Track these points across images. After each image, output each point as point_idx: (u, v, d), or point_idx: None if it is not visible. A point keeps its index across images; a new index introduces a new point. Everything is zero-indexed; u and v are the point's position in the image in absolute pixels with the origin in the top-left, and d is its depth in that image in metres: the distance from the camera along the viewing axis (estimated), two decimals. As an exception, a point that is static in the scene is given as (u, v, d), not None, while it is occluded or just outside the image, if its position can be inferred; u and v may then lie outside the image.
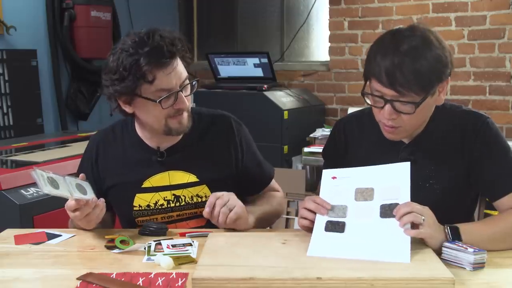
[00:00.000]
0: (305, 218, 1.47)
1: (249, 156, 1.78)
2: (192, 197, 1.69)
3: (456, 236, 1.36)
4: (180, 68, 1.57)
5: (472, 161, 1.53)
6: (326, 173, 1.53)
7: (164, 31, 1.56)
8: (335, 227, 1.40)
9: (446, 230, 1.37)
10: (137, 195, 1.68)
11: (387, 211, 1.38)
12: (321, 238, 1.39)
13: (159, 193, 1.68)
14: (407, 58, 1.38)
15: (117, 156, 1.72)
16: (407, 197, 1.37)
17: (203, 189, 1.69)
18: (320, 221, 1.44)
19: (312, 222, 1.45)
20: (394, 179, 1.42)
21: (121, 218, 1.80)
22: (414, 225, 1.34)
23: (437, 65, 1.41)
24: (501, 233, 1.43)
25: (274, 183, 1.88)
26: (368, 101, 1.49)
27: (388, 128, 1.49)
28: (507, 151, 1.53)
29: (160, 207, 1.68)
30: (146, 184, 1.68)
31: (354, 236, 1.36)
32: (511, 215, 1.46)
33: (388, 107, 1.43)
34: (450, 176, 1.55)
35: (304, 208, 1.47)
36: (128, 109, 1.61)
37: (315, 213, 1.45)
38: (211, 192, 1.64)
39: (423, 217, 1.33)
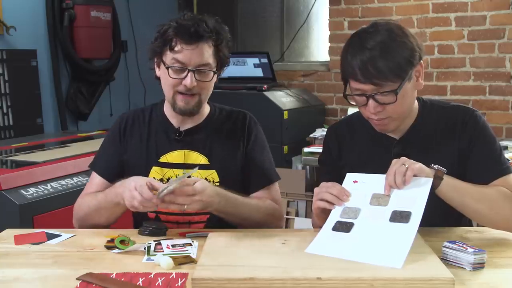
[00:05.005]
0: (323, 200, 1.48)
1: (257, 149, 1.82)
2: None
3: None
4: (204, 52, 1.69)
5: (462, 153, 1.57)
6: (349, 176, 1.54)
7: (209, 19, 1.76)
8: (343, 227, 1.41)
9: (432, 166, 1.43)
10: (153, 167, 1.76)
11: (397, 216, 1.38)
12: (325, 237, 1.40)
13: (173, 169, 1.75)
14: (374, 51, 1.47)
15: (141, 129, 1.82)
16: (421, 209, 1.37)
17: (212, 174, 1.75)
18: (331, 220, 1.45)
19: (329, 203, 1.47)
20: (412, 191, 1.42)
21: None
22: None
23: (404, 51, 1.48)
24: (481, 192, 1.47)
25: (277, 194, 1.83)
26: (352, 102, 1.56)
27: (378, 121, 1.55)
28: (494, 141, 1.59)
29: None
30: (163, 159, 1.77)
31: (357, 237, 1.37)
32: (496, 187, 1.50)
33: (371, 102, 1.50)
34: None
35: (327, 192, 1.48)
36: (157, 71, 1.76)
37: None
38: (219, 178, 1.74)
39: (406, 165, 1.41)
